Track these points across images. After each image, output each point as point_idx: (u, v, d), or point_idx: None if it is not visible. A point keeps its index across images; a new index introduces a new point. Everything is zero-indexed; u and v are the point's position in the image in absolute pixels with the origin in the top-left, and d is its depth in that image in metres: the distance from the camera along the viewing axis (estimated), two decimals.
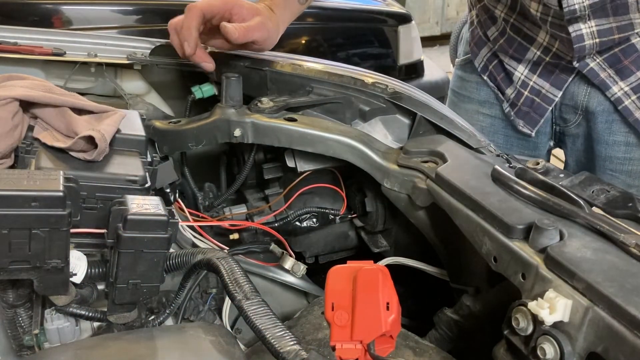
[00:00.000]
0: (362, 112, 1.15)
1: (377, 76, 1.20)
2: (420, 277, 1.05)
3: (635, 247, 0.71)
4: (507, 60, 1.38)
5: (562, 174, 0.89)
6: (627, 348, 0.61)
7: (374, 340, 0.66)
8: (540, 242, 0.75)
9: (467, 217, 0.86)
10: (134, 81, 1.19)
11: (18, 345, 0.78)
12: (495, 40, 1.39)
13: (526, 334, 0.71)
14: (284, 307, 1.13)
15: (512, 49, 1.34)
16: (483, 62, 1.45)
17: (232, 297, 0.68)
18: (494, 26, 1.38)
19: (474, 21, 1.47)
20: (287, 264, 1.05)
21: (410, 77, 3.13)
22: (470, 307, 0.91)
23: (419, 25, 3.43)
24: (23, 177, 0.65)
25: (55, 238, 0.65)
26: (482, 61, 1.45)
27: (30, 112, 0.83)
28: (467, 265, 0.96)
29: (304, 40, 2.94)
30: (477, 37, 1.46)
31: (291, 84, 1.17)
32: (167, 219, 0.69)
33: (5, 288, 0.74)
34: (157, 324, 0.82)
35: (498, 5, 1.32)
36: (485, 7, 1.39)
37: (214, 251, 0.77)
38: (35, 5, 2.45)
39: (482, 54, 1.45)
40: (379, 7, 3.20)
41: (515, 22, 1.30)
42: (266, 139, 1.07)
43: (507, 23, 1.32)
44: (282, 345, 0.62)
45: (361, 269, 0.66)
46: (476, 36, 1.46)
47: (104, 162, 0.80)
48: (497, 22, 1.36)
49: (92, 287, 0.78)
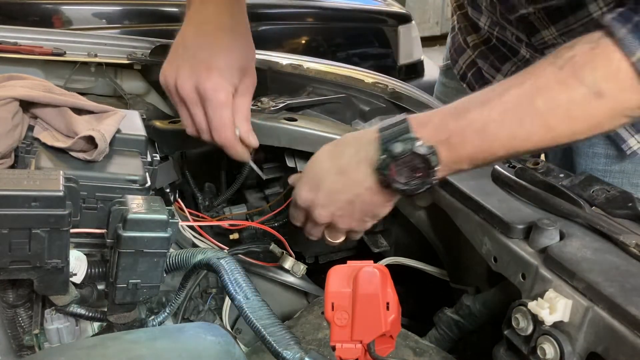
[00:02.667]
0: (362, 112, 1.15)
1: (377, 76, 1.21)
2: (420, 277, 1.05)
3: (635, 247, 0.71)
4: (485, 69, 1.34)
5: (562, 174, 0.89)
6: (627, 348, 0.61)
7: (374, 340, 0.66)
8: (540, 242, 0.75)
9: (467, 217, 0.86)
10: (134, 81, 1.19)
11: (18, 345, 0.78)
12: (476, 47, 1.36)
13: (526, 334, 0.71)
14: (284, 307, 1.13)
15: (493, 56, 1.31)
16: (462, 69, 1.41)
17: (232, 297, 0.68)
18: (476, 34, 1.35)
19: (455, 27, 1.44)
20: (287, 264, 1.05)
21: (410, 77, 3.13)
22: (470, 307, 0.91)
23: (419, 25, 3.43)
24: (23, 177, 0.65)
25: (55, 238, 0.65)
26: (462, 68, 1.41)
27: (30, 112, 0.83)
28: (467, 265, 0.96)
29: (304, 40, 2.94)
30: (457, 43, 1.42)
31: (291, 84, 1.17)
32: (167, 219, 0.69)
33: (5, 288, 0.74)
34: (157, 324, 0.82)
35: (481, 17, 1.30)
36: (466, 15, 1.36)
37: (214, 251, 0.77)
38: (35, 5, 2.45)
39: (462, 61, 1.41)
40: (379, 7, 3.21)
41: (499, 35, 1.28)
42: (266, 139, 1.07)
43: (491, 35, 1.30)
44: (282, 345, 0.62)
45: (361, 269, 0.66)
46: (456, 42, 1.43)
47: (104, 162, 0.80)
48: (480, 31, 1.33)
49: (92, 287, 0.78)
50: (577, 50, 0.76)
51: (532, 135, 0.76)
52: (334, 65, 1.24)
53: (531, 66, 0.79)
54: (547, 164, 0.92)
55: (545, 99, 0.75)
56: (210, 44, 0.93)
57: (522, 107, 0.76)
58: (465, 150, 0.78)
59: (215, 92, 0.91)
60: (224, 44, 0.93)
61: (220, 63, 0.91)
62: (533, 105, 0.75)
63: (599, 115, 0.75)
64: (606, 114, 0.75)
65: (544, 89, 0.75)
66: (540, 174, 0.88)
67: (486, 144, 0.77)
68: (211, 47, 0.92)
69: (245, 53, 0.96)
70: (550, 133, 0.76)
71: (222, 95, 0.91)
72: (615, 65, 0.73)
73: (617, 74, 0.73)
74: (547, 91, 0.75)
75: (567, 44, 0.77)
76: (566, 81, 0.75)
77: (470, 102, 0.79)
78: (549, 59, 0.77)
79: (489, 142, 0.77)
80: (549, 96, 0.75)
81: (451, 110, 0.79)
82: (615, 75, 0.73)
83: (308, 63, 1.20)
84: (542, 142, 0.77)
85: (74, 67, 1.12)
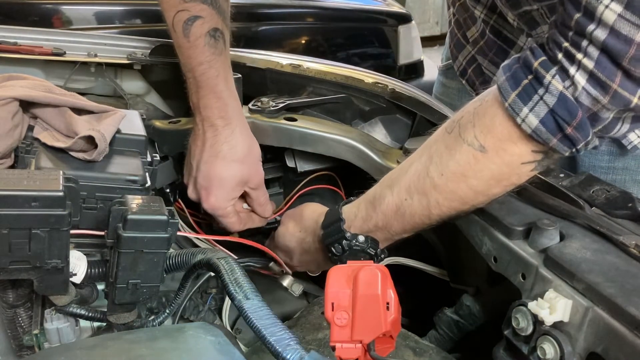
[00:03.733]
0: (362, 112, 1.15)
1: (377, 76, 1.20)
2: (420, 277, 1.05)
3: (635, 247, 0.71)
4: (485, 65, 1.34)
5: (562, 174, 0.89)
6: (627, 348, 0.61)
7: (374, 340, 0.66)
8: (540, 242, 0.75)
9: (467, 217, 0.86)
10: (134, 81, 1.19)
11: (18, 345, 0.78)
12: (475, 42, 1.35)
13: (526, 334, 0.71)
14: (284, 307, 1.13)
15: (491, 52, 1.31)
16: (462, 65, 1.41)
17: (232, 297, 0.68)
18: (474, 26, 1.34)
19: (452, 21, 1.42)
20: (286, 282, 1.06)
21: (410, 77, 3.13)
22: (470, 307, 0.91)
23: (419, 25, 3.43)
24: (23, 177, 0.65)
25: (55, 238, 0.65)
26: (462, 64, 1.41)
27: (30, 112, 0.83)
28: (467, 265, 0.96)
29: (304, 40, 2.94)
30: (455, 39, 1.41)
31: (291, 84, 1.17)
32: (167, 219, 0.69)
33: (5, 288, 0.74)
34: (157, 324, 0.82)
35: (477, 5, 1.29)
36: (464, 6, 1.35)
37: (214, 251, 0.77)
38: (35, 5, 2.45)
39: (462, 57, 1.40)
40: (379, 7, 3.20)
41: (495, 24, 1.27)
42: (266, 139, 1.07)
43: (486, 25, 1.29)
44: (282, 345, 0.62)
45: (361, 269, 0.66)
46: (455, 38, 1.42)
47: (104, 162, 0.80)
48: (476, 22, 1.32)
49: (92, 287, 0.78)
50: (466, 111, 0.79)
51: (440, 203, 0.80)
52: (334, 65, 1.24)
53: (435, 132, 0.83)
54: None
55: (437, 167, 0.79)
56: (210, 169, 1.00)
57: (421, 180, 0.81)
58: (395, 229, 0.87)
59: (215, 210, 1.02)
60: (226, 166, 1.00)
61: (222, 187, 1.00)
62: (429, 176, 0.80)
63: (491, 169, 0.77)
64: (498, 167, 0.77)
65: (436, 156, 0.79)
66: (540, 174, 0.88)
67: (407, 221, 0.84)
68: (211, 176, 1.00)
69: (247, 165, 1.02)
70: (454, 196, 0.80)
71: (221, 211, 1.02)
72: (489, 118, 0.75)
73: (493, 127, 0.75)
74: (438, 158, 0.79)
75: (467, 104, 0.80)
76: (453, 144, 0.78)
77: (385, 184, 0.87)
78: (446, 123, 0.81)
79: (409, 219, 0.84)
80: (440, 162, 0.79)
81: (371, 199, 0.88)
82: (490, 128, 0.75)
83: (308, 63, 1.20)
84: (454, 207, 0.81)
85: (74, 67, 1.11)
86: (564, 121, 0.70)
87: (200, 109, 0.98)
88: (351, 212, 0.90)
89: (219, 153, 0.98)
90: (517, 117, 0.72)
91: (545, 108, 0.70)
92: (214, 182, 0.99)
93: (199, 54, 0.97)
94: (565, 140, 0.72)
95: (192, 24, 0.96)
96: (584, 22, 0.66)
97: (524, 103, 0.71)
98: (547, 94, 0.70)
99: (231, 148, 0.99)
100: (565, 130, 0.70)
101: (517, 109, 0.72)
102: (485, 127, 0.75)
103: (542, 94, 0.70)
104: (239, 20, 2.81)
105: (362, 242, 0.87)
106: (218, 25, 0.98)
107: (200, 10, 0.96)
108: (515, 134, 0.74)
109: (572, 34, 0.68)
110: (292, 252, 1.04)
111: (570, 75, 0.68)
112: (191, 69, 0.98)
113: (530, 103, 0.71)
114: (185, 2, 0.96)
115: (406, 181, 0.83)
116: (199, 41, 0.96)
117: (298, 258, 1.04)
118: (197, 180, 1.00)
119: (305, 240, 1.01)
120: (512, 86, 0.72)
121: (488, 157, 0.76)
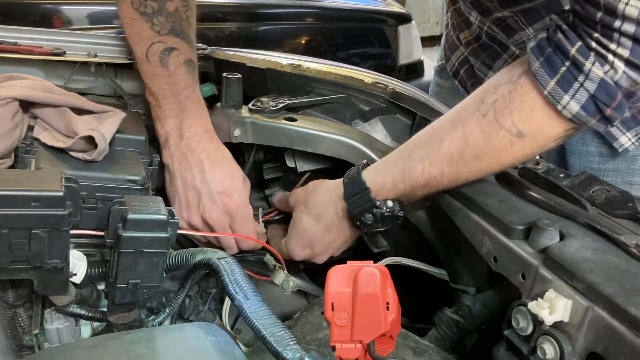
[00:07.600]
0: (362, 112, 1.15)
1: (377, 76, 1.20)
2: (420, 277, 1.05)
3: (635, 247, 0.71)
4: (477, 66, 1.35)
5: (562, 174, 0.89)
6: (627, 348, 0.61)
7: (374, 340, 0.66)
8: (540, 242, 0.75)
9: (467, 217, 0.86)
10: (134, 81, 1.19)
11: (18, 345, 0.78)
12: (468, 44, 1.36)
13: (526, 334, 0.71)
14: (284, 307, 1.13)
15: (484, 54, 1.32)
16: (455, 66, 1.42)
17: (232, 297, 0.68)
18: (468, 30, 1.35)
19: (448, 24, 1.44)
20: (278, 279, 1.04)
21: (410, 77, 3.13)
22: (470, 307, 0.91)
23: (419, 25, 3.43)
24: (23, 177, 0.65)
25: (55, 238, 0.65)
26: (454, 65, 1.42)
27: (30, 112, 0.83)
28: (467, 265, 0.96)
29: (304, 40, 2.94)
30: (450, 40, 1.43)
31: (291, 84, 1.17)
32: (167, 219, 0.69)
33: (5, 288, 0.74)
34: (157, 324, 0.82)
35: (472, 12, 1.30)
36: (458, 11, 1.36)
37: (214, 251, 0.77)
38: (35, 5, 2.45)
39: (454, 58, 1.42)
40: (379, 7, 3.21)
41: (489, 30, 1.28)
42: (266, 139, 1.07)
43: (481, 30, 1.30)
44: (282, 345, 0.62)
45: (361, 269, 0.66)
46: (450, 39, 1.43)
47: (104, 162, 0.80)
48: (471, 26, 1.33)
49: (92, 287, 0.78)
50: (499, 93, 0.80)
51: (469, 178, 0.86)
52: (334, 65, 1.24)
53: (462, 106, 0.86)
54: (547, 163, 0.92)
55: (472, 150, 0.82)
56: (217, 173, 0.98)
57: (454, 161, 0.84)
58: (417, 196, 0.92)
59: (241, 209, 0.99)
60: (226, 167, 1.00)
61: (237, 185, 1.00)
62: (463, 158, 0.83)
63: (525, 151, 0.81)
64: (532, 148, 0.80)
65: (470, 139, 0.82)
66: (541, 174, 0.88)
67: (432, 192, 0.90)
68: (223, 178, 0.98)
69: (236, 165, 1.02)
70: (484, 172, 0.85)
71: (247, 209, 1.00)
72: (528, 106, 0.77)
73: (532, 114, 0.77)
74: (473, 141, 0.82)
75: (494, 81, 0.82)
76: (489, 129, 0.80)
77: (414, 154, 0.88)
78: (476, 101, 0.83)
79: (434, 190, 0.89)
80: (475, 146, 0.82)
81: (399, 172, 0.89)
82: (530, 115, 0.77)
83: (308, 63, 1.20)
84: (476, 177, 0.86)
85: (74, 67, 1.11)
86: (604, 104, 0.73)
87: (183, 131, 0.98)
88: (376, 182, 0.91)
89: (217, 157, 0.99)
90: (557, 104, 0.74)
91: (586, 94, 0.72)
92: (226, 181, 0.98)
93: (182, 80, 0.99)
94: (603, 120, 0.75)
95: (169, 55, 0.99)
96: (608, 19, 0.68)
97: (565, 91, 0.73)
98: (588, 81, 0.72)
99: (224, 150, 1.00)
100: (605, 112, 0.73)
101: (557, 97, 0.74)
102: (525, 114, 0.78)
103: (582, 81, 0.72)
104: (239, 20, 2.82)
105: (391, 206, 0.91)
106: (192, 58, 1.02)
107: (174, 42, 1.00)
108: (554, 119, 0.77)
109: (600, 27, 0.70)
110: (313, 234, 1.00)
111: (610, 61, 0.70)
112: (173, 94, 0.99)
113: (571, 90, 0.73)
114: (159, 35, 0.99)
115: (439, 160, 0.85)
116: (179, 69, 0.99)
117: (321, 240, 1.00)
118: (212, 195, 0.96)
119: (325, 214, 0.98)
120: (549, 73, 0.74)
121: (525, 141, 0.79)
